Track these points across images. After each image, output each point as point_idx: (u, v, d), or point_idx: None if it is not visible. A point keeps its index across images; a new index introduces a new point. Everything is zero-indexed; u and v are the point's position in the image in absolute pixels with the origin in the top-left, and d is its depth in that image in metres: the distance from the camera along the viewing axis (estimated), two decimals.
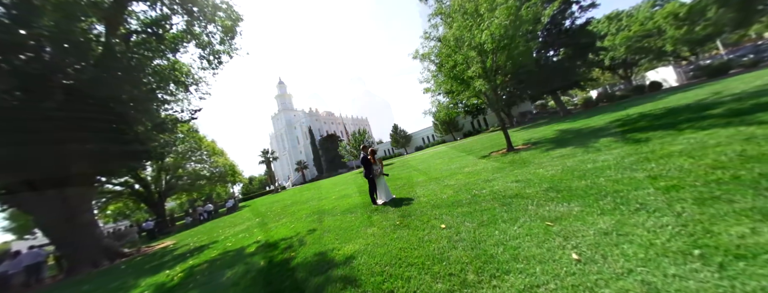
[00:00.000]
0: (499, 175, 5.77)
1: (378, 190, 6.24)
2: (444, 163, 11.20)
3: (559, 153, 6.45)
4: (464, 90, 9.77)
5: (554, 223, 2.75)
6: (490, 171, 6.58)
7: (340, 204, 7.73)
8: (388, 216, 4.71)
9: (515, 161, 6.99)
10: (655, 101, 13.13)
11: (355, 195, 8.79)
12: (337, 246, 3.83)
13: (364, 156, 6.30)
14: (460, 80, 9.46)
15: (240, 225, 10.12)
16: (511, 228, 2.90)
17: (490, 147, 12.51)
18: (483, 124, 44.96)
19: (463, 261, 2.43)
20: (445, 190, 5.66)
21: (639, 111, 10.84)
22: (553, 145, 8.16)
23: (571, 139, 8.39)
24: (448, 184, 6.26)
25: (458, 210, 4.06)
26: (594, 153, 5.47)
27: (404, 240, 3.36)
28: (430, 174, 9.10)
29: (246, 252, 5.20)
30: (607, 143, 6.17)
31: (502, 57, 8.82)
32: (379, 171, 6.17)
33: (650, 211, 2.50)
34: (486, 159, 8.91)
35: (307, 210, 8.53)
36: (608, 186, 3.44)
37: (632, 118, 9.42)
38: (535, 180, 4.62)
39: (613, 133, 7.38)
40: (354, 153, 27.08)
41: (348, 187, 12.27)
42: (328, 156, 53.99)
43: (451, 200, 4.72)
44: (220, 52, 11.84)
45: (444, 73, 9.47)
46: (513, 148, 9.87)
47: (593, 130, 9.02)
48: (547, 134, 11.78)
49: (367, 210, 5.78)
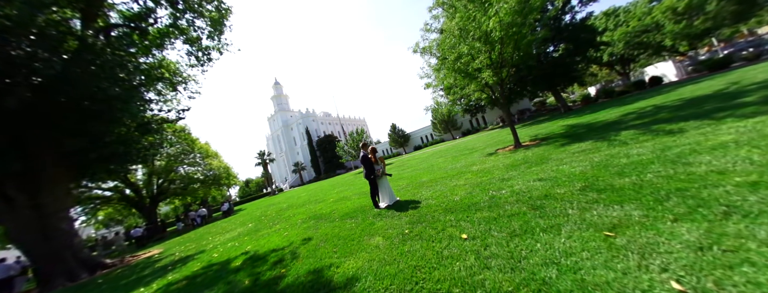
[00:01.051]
0: (516, 173, 5.16)
1: (380, 192, 5.61)
2: (447, 162, 10.61)
3: (577, 148, 5.87)
4: (469, 83, 9.19)
5: (614, 233, 2.14)
6: (503, 168, 5.98)
7: (338, 207, 7.08)
8: (394, 223, 4.08)
9: (529, 158, 6.40)
10: (663, 94, 12.65)
11: (355, 197, 8.15)
12: (336, 262, 3.18)
13: (363, 155, 5.67)
14: (465, 73, 8.87)
15: (231, 231, 9.42)
16: (555, 239, 2.28)
17: (494, 145, 11.95)
18: (482, 122, 44.57)
19: (505, 290, 1.80)
20: (457, 191, 5.04)
21: (651, 103, 10.33)
22: (566, 140, 7.59)
23: (584, 134, 7.83)
24: (458, 184, 5.65)
25: (478, 215, 3.44)
26: (621, 147, 4.89)
27: (418, 255, 2.72)
28: (434, 173, 8.49)
29: (231, 266, 4.53)
30: (631, 136, 5.60)
31: (510, 48, 8.24)
32: (381, 171, 5.54)
33: (747, 216, 1.90)
34: (494, 157, 8.33)
35: (303, 214, 7.87)
36: (663, 183, 2.84)
37: (647, 110, 8.89)
38: (563, 177, 4.01)
39: (633, 125, 6.83)
40: (352, 154, 26.41)
41: (346, 189, 11.62)
42: (326, 157, 53.21)
43: (466, 203, 4.10)
44: (209, 48, 11.15)
45: (447, 66, 8.87)
46: (521, 145, 9.31)
47: (606, 124, 8.47)
48: (554, 129, 11.25)
49: (369, 214, 5.14)
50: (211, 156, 26.62)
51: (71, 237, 9.36)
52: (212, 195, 28.95)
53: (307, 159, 59.50)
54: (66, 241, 8.98)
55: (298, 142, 63.12)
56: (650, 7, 31.25)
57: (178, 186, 22.77)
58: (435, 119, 44.31)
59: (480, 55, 8.12)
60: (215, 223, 15.35)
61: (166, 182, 23.20)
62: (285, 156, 65.73)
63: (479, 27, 7.72)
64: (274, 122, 69.02)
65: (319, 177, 52.21)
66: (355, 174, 22.68)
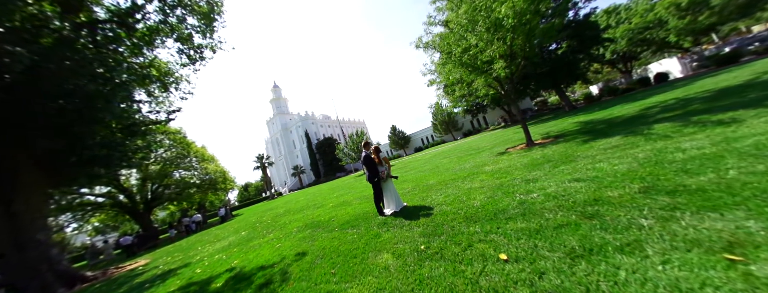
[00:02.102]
0: (541, 173, 4.48)
1: (385, 197, 4.92)
2: (453, 163, 9.92)
3: (606, 144, 5.20)
4: (476, 78, 8.55)
5: (739, 256, 1.46)
6: (523, 168, 5.30)
7: (338, 214, 6.38)
8: (405, 235, 3.38)
9: (550, 156, 5.72)
10: (678, 89, 12.01)
11: (356, 202, 7.45)
12: (335, 289, 2.49)
13: (365, 156, 4.99)
14: (472, 67, 8.24)
15: (223, 240, 8.70)
16: (647, 265, 1.60)
17: (502, 144, 11.28)
18: (483, 122, 43.99)
19: None
20: (474, 195, 4.36)
21: (670, 97, 9.68)
22: (586, 136, 6.92)
23: (605, 129, 7.16)
24: (474, 187, 4.96)
25: (511, 225, 2.75)
26: (665, 141, 4.22)
27: (444, 284, 2.03)
28: (441, 174, 7.81)
29: (211, 287, 3.82)
30: (671, 129, 4.93)
31: (520, 39, 7.61)
32: (385, 173, 4.86)
33: None
34: (506, 156, 7.65)
35: (300, 221, 7.16)
36: (762, 182, 2.17)
37: (670, 103, 8.23)
38: (607, 177, 3.34)
39: (664, 118, 6.17)
40: (352, 156, 25.74)
41: (347, 192, 10.91)
42: (326, 160, 52.47)
43: (491, 209, 3.41)
44: (202, 47, 10.56)
45: (453, 60, 8.23)
46: (533, 143, 8.64)
47: (628, 119, 7.81)
48: (566, 127, 10.59)
49: (373, 223, 4.45)
50: (207, 160, 25.91)
51: (49, 248, 8.63)
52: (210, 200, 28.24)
53: (306, 163, 58.78)
54: (42, 253, 8.25)
55: (298, 145, 62.47)
56: (653, 3, 30.87)
57: (173, 191, 22.02)
58: (436, 120, 43.74)
59: (490, 45, 7.48)
60: (210, 230, 14.60)
61: (160, 187, 22.48)
62: (284, 160, 65.01)
63: (488, 16, 7.10)
64: (273, 125, 68.44)
65: (318, 181, 51.46)
66: (356, 177, 21.97)
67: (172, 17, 9.38)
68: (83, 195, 19.37)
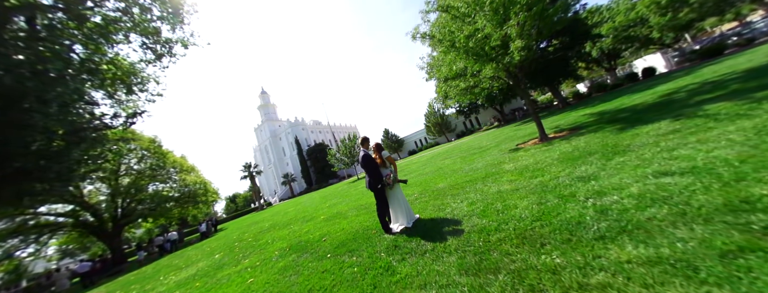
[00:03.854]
0: (594, 168, 3.45)
1: (392, 209, 3.75)
2: (458, 163, 8.88)
3: (657, 130, 4.27)
4: (485, 66, 7.61)
5: None
6: (559, 163, 4.28)
7: (331, 230, 5.13)
8: (434, 269, 2.22)
9: (587, 148, 4.74)
10: (678, 79, 11.52)
11: (351, 213, 6.22)
12: None
13: (364, 155, 3.83)
14: (479, 54, 7.29)
15: (192, 266, 7.22)
16: None
17: (506, 141, 10.37)
18: (476, 123, 43.76)
19: None
20: (512, 200, 3.26)
21: (687, 83, 9.05)
22: (616, 125, 6.02)
23: (633, 117, 6.31)
24: (504, 190, 3.88)
25: (618, 252, 1.65)
26: (751, 120, 3.29)
27: None
28: (450, 176, 6.72)
29: None
30: (737, 107, 4.05)
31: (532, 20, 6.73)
32: (391, 176, 3.71)
33: None
34: (523, 152, 6.66)
35: (285, 240, 5.85)
36: None
37: (698, 88, 7.46)
38: (718, 167, 2.32)
39: (709, 99, 5.34)
40: (345, 161, 24.38)
41: (340, 201, 9.64)
42: (317, 167, 50.64)
43: (555, 222, 2.31)
44: (170, 41, 9.23)
45: (458, 46, 7.25)
46: (548, 137, 7.76)
47: (653, 106, 6.99)
48: (578, 120, 9.80)
49: (379, 246, 3.26)
50: (186, 170, 23.89)
51: None
52: (192, 214, 26.03)
53: (297, 170, 56.65)
54: None
55: (288, 152, 60.31)
56: (633, 2, 31.71)
57: (146, 207, 19.87)
58: (428, 122, 43.16)
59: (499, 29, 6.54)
60: (185, 250, 12.82)
61: (132, 202, 20.29)
62: (274, 168, 62.52)
63: None
64: (262, 133, 66.04)
65: (310, 189, 49.49)
66: (349, 183, 20.61)
67: (135, 8, 8.08)
68: (38, 215, 17.07)
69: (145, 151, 21.77)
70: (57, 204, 18.98)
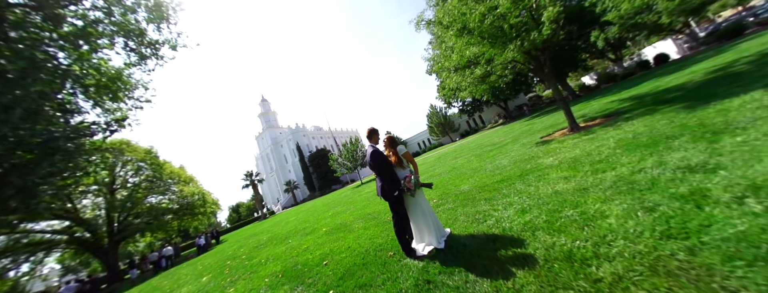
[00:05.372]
0: (700, 155, 2.45)
1: (415, 223, 2.74)
2: (476, 162, 7.87)
3: (757, 102, 3.27)
4: (502, 49, 6.66)
5: None
6: (626, 153, 3.28)
7: (334, 247, 4.14)
8: None
9: (653, 133, 3.73)
10: (707, 60, 10.42)
11: (358, 225, 5.23)
12: None
13: (373, 152, 2.86)
14: (495, 36, 6.36)
15: (177, 290, 6.25)
16: None
17: (524, 136, 9.35)
18: (480, 122, 42.72)
19: None
20: (587, 205, 2.26)
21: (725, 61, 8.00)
22: (675, 104, 4.99)
23: (689, 95, 5.28)
24: (560, 190, 2.87)
25: None
26: None
27: None
28: (472, 177, 5.73)
29: None
30: None
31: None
32: (412, 180, 2.71)
33: None
34: (557, 144, 5.64)
35: (280, 261, 4.86)
36: None
37: (755, 59, 6.43)
38: None
39: None
40: (347, 165, 23.42)
41: (344, 209, 8.64)
42: (320, 173, 49.69)
43: (718, 241, 1.32)
44: (157, 43, 8.46)
45: (471, 27, 6.31)
46: (580, 126, 6.75)
47: (709, 82, 5.96)
48: (606, 107, 8.76)
49: (403, 280, 2.26)
50: (184, 181, 23.06)
51: None
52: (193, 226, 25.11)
53: (299, 177, 55.76)
54: None
55: (289, 159, 59.55)
56: None
57: (142, 221, 18.97)
58: (431, 123, 42.23)
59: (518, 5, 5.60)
60: (177, 268, 11.83)
61: (129, 216, 19.42)
62: (276, 176, 61.72)
63: None
64: (263, 140, 65.48)
65: (313, 195, 48.50)
66: (353, 189, 19.60)
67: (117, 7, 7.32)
68: (28, 233, 16.25)
69: (142, 163, 21.01)
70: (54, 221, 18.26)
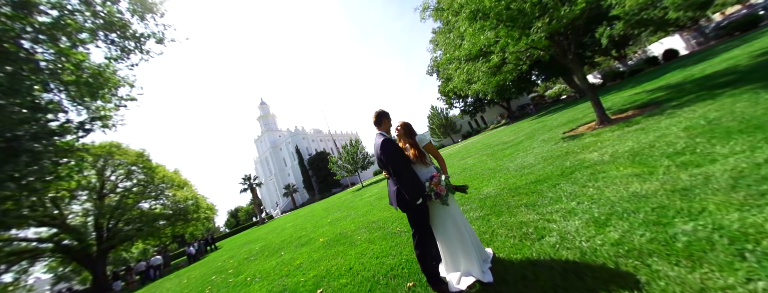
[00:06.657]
0: None
1: (445, 243, 1.90)
2: (491, 162, 7.04)
3: None
4: (520, 34, 5.90)
5: None
6: (710, 144, 2.47)
7: (332, 267, 3.31)
8: None
9: (736, 119, 2.92)
10: (730, 51, 9.65)
11: (360, 235, 4.39)
12: None
13: (383, 142, 2.01)
14: (514, 18, 5.61)
15: None
16: None
17: (539, 132, 8.55)
18: (482, 122, 42.02)
19: None
20: (724, 218, 1.44)
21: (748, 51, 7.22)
22: (734, 88, 4.20)
23: (748, 78, 4.48)
24: (641, 193, 2.05)
25: None
26: None
27: None
28: (494, 178, 4.91)
29: None
30: None
31: None
32: (443, 182, 1.87)
33: None
34: (594, 138, 4.83)
35: (267, 282, 4.01)
36: None
37: None
38: None
39: None
40: (347, 168, 22.57)
41: (345, 215, 7.80)
42: (320, 176, 48.78)
43: None
44: (142, 36, 7.72)
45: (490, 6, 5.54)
46: (611, 119, 5.96)
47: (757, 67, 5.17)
48: (634, 98, 7.96)
49: None
50: (178, 185, 22.18)
51: None
52: (189, 232, 24.14)
53: (299, 180, 54.82)
54: None
55: (289, 162, 58.67)
56: None
57: (132, 227, 18.05)
58: (432, 124, 41.53)
59: None
60: (163, 281, 10.90)
61: (119, 223, 18.51)
62: (275, 179, 60.78)
63: None
64: (262, 143, 64.67)
65: (313, 199, 47.54)
66: (353, 192, 18.71)
67: None
68: (12, 241, 15.34)
69: (133, 166, 20.17)
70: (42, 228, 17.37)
